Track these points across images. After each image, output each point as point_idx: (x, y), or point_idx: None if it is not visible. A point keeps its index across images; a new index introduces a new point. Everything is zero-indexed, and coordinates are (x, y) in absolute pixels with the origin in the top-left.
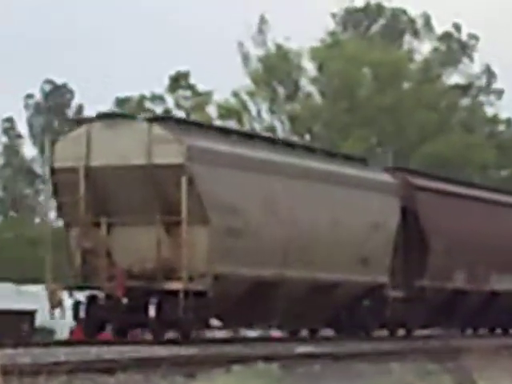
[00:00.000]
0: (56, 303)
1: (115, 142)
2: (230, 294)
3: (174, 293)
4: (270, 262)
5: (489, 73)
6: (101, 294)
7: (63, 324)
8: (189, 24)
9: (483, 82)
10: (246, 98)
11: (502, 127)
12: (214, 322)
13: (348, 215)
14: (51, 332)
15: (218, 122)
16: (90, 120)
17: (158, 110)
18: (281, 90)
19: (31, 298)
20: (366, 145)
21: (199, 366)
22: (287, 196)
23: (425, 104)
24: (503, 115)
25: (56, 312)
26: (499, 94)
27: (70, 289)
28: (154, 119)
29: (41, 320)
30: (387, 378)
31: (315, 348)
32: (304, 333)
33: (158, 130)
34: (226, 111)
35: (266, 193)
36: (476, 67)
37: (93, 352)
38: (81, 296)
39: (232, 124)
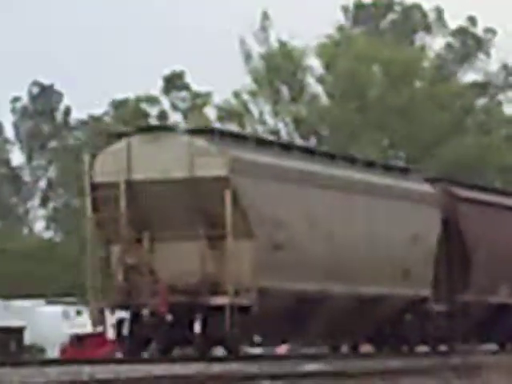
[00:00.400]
0: (98, 322)
1: (156, 155)
2: (273, 308)
3: (219, 308)
4: (312, 277)
5: (507, 69)
6: (144, 311)
7: (54, 341)
8: (188, 23)
9: (501, 79)
10: (247, 98)
11: None
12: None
13: (389, 227)
14: (42, 350)
15: (217, 125)
16: (130, 133)
17: (154, 112)
18: (285, 91)
19: (19, 313)
20: (377, 148)
21: None
22: (328, 209)
23: (439, 104)
24: None
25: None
26: None
27: (116, 306)
28: (196, 131)
29: (30, 337)
30: None
31: (324, 366)
32: (344, 349)
33: (200, 142)
34: (226, 113)
35: (307, 206)
36: (493, 64)
37: (85, 371)
38: (123, 314)
39: (233, 127)
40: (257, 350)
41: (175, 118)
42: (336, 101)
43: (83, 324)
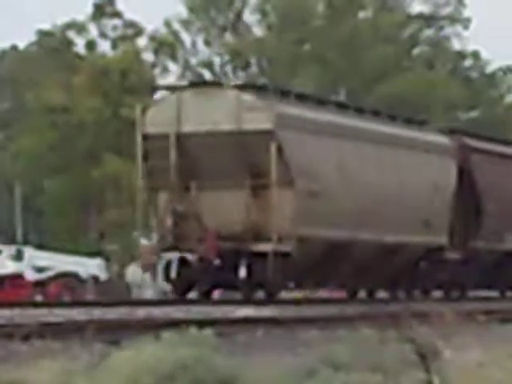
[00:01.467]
0: (148, 265)
1: (205, 109)
2: (309, 255)
3: (263, 254)
4: (343, 225)
5: (458, 1)
6: (193, 256)
7: None
8: None
9: (450, 10)
10: (179, 28)
11: (467, 62)
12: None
13: (412, 178)
14: None
15: (149, 56)
16: (181, 88)
17: (81, 41)
18: (220, 20)
19: None
20: (317, 82)
21: (124, 331)
22: (358, 160)
23: (382, 37)
24: (469, 48)
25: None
26: (466, 23)
27: (164, 250)
28: (243, 87)
29: None
30: (336, 346)
31: (257, 311)
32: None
33: (247, 97)
34: (157, 43)
35: (340, 157)
36: None
37: (6, 315)
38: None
39: (165, 58)
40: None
41: (104, 47)
42: (274, 32)
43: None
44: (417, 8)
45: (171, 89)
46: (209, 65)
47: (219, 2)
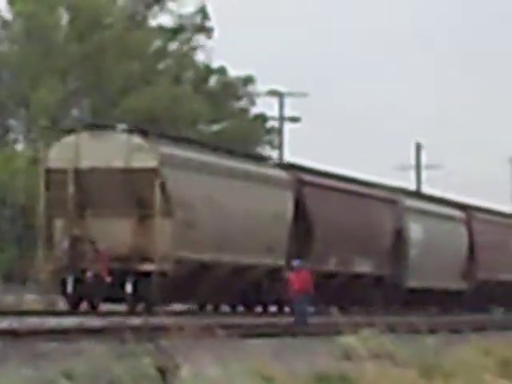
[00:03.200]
0: (49, 287)
1: (100, 148)
2: (184, 274)
3: (146, 273)
4: (210, 249)
5: (202, 12)
6: (88, 274)
7: None
8: None
9: (194, 21)
10: None
11: (213, 78)
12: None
13: (257, 208)
14: None
15: None
16: (78, 130)
17: None
18: None
19: None
20: (57, 95)
21: None
22: (221, 193)
23: (128, 53)
24: (216, 63)
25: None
26: (209, 33)
27: (61, 269)
28: (133, 130)
29: None
30: (77, 359)
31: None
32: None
33: (136, 139)
34: None
35: (209, 191)
36: (189, 6)
37: None
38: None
39: None
40: None
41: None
42: (19, 44)
43: None
44: (162, 21)
45: (71, 131)
46: None
47: None
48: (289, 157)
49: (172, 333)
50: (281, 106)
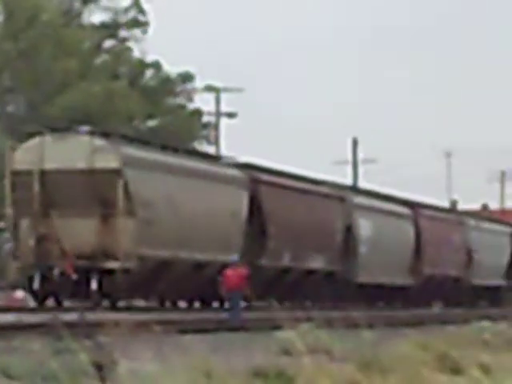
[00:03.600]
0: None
1: (64, 150)
2: (145, 270)
3: (110, 270)
4: (170, 246)
5: (137, 7)
6: (55, 271)
7: None
8: None
9: (129, 17)
10: None
11: (148, 72)
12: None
13: (214, 206)
14: None
15: None
16: (43, 133)
17: None
18: None
19: None
20: None
21: None
22: (180, 192)
23: (66, 49)
24: (150, 57)
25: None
26: (144, 27)
27: (27, 267)
28: (95, 133)
29: None
30: (13, 355)
31: None
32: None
33: (98, 141)
34: None
35: (168, 190)
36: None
37: None
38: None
39: None
40: None
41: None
42: None
43: None
44: (98, 17)
45: (36, 134)
46: None
47: None
48: (225, 152)
49: (109, 329)
50: (217, 102)
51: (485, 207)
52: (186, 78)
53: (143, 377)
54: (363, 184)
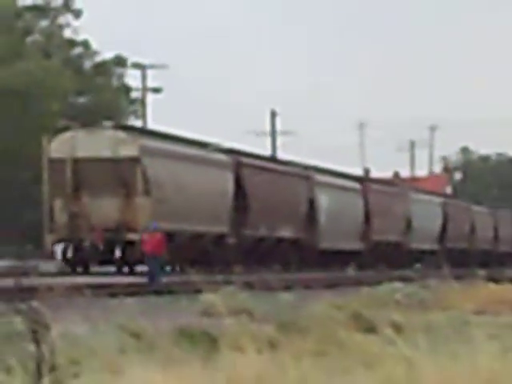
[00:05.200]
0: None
1: (92, 141)
2: None
3: (132, 242)
4: (176, 220)
5: None
6: (86, 243)
7: None
8: None
9: (60, 2)
10: None
11: (78, 50)
12: None
13: (208, 186)
14: None
15: None
16: (75, 127)
17: None
18: None
19: None
20: None
21: None
22: (184, 175)
23: None
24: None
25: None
26: (78, 14)
27: (62, 239)
28: (118, 127)
29: None
30: None
31: None
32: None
33: (120, 134)
34: None
35: (175, 174)
36: None
37: None
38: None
39: None
40: None
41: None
42: None
43: None
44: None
45: (68, 128)
46: None
47: None
48: (152, 126)
49: (42, 293)
50: (143, 78)
51: (396, 175)
52: (119, 61)
53: (74, 339)
54: (281, 155)
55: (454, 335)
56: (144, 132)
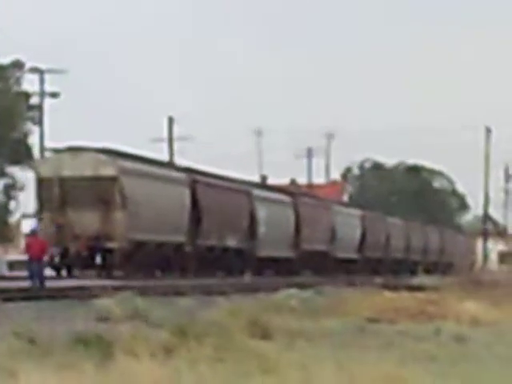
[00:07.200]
0: None
1: (76, 162)
2: (131, 249)
3: (110, 249)
4: (147, 231)
5: None
6: (72, 250)
7: None
8: None
9: None
10: None
11: None
12: None
13: (171, 201)
14: None
15: None
16: (61, 150)
17: None
18: None
19: None
20: None
21: None
22: (153, 192)
23: None
24: None
25: None
26: None
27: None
28: (99, 150)
29: None
30: None
31: None
32: None
33: (101, 156)
34: None
35: (147, 191)
36: None
37: None
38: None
39: None
40: None
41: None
42: None
43: None
44: None
45: (55, 150)
46: None
47: None
48: (49, 132)
49: None
50: (41, 82)
51: (293, 182)
52: (16, 65)
53: None
54: (179, 161)
55: (349, 341)
56: (121, 154)
